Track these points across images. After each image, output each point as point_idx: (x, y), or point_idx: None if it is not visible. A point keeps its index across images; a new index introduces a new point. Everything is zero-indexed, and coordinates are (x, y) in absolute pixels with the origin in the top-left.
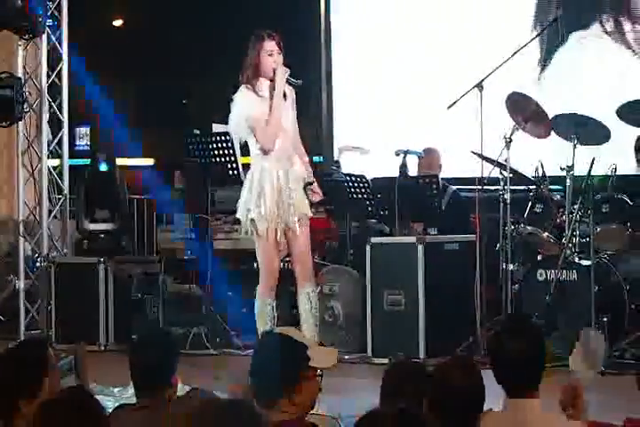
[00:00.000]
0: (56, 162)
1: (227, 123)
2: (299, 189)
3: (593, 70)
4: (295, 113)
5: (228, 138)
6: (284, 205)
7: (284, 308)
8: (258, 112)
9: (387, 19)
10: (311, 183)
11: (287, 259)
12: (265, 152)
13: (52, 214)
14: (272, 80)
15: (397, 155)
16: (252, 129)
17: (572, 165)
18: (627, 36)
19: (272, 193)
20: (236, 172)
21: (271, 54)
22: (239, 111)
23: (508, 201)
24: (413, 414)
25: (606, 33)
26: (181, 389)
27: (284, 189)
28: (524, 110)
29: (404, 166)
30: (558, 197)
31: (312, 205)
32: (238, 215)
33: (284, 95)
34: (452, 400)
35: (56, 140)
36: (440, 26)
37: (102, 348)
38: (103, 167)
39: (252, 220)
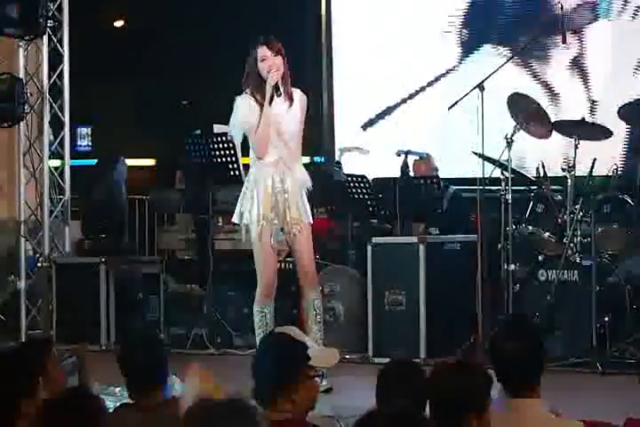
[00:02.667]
0: (57, 162)
1: (227, 124)
2: (297, 195)
3: None
4: (303, 120)
5: (228, 138)
6: (278, 211)
7: (284, 308)
8: (252, 118)
9: (388, 18)
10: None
11: (288, 259)
12: (260, 158)
13: (54, 215)
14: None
15: (399, 155)
16: (247, 134)
17: (574, 165)
18: None
19: (266, 198)
20: (237, 172)
21: (263, 60)
22: (236, 117)
23: (510, 201)
24: (411, 414)
25: None
26: (182, 388)
27: (279, 194)
28: (526, 111)
29: (405, 167)
30: (559, 197)
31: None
32: (235, 220)
33: (292, 100)
34: (447, 400)
35: (57, 141)
36: (441, 25)
37: (103, 348)
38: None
39: (246, 224)
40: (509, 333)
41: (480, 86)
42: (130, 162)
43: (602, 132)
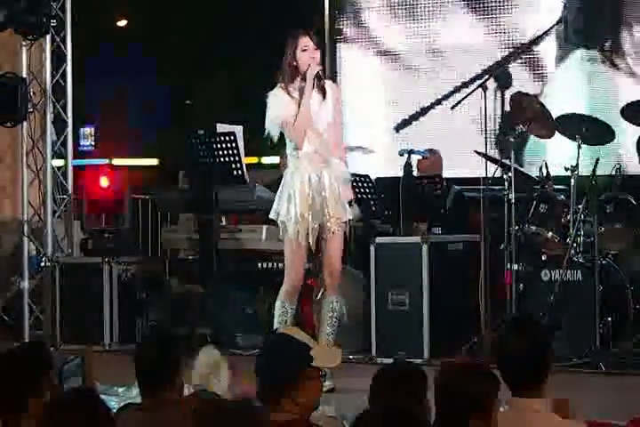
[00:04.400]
0: (60, 162)
1: (230, 123)
2: (336, 191)
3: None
4: (339, 112)
5: (232, 138)
6: (315, 209)
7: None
8: (287, 112)
9: (390, 18)
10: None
11: None
12: (299, 150)
13: (57, 215)
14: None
15: (401, 155)
16: (283, 129)
17: (577, 164)
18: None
19: (303, 196)
20: (240, 172)
21: (305, 50)
22: (270, 112)
23: (513, 201)
24: (406, 414)
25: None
26: (186, 389)
27: (315, 191)
28: (528, 110)
29: (408, 166)
30: (562, 197)
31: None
32: (271, 217)
33: (324, 94)
34: (455, 401)
35: (60, 141)
36: (443, 26)
37: (107, 348)
38: None
39: (283, 222)
40: (516, 332)
41: (483, 86)
42: (133, 161)
43: (604, 133)
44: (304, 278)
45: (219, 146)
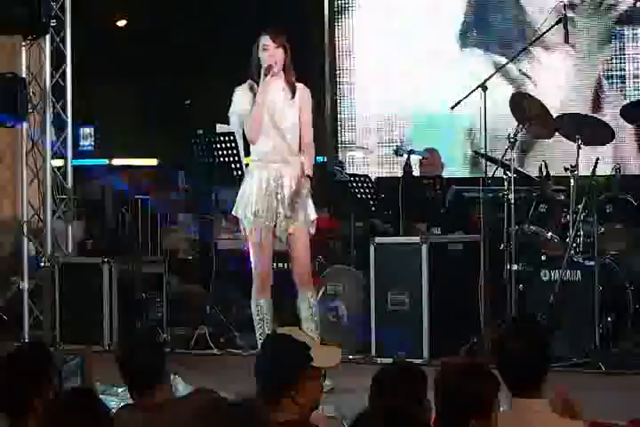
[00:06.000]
0: (60, 162)
1: (229, 123)
2: (291, 192)
3: None
4: (306, 113)
5: (231, 138)
6: (271, 208)
7: (285, 308)
8: (246, 106)
9: (391, 18)
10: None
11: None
12: (252, 143)
13: (56, 215)
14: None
15: (400, 155)
16: (243, 123)
17: (576, 165)
18: None
19: (259, 194)
20: (239, 172)
21: (265, 49)
22: (232, 107)
23: (512, 201)
24: (406, 414)
25: None
26: (185, 389)
27: (272, 191)
28: (528, 110)
29: (407, 166)
30: (562, 197)
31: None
32: (232, 213)
33: (293, 94)
34: (456, 401)
35: (60, 141)
36: (446, 25)
37: (106, 348)
38: None
39: (241, 220)
40: (516, 332)
41: (483, 86)
42: (132, 162)
43: (604, 134)
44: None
45: (218, 146)
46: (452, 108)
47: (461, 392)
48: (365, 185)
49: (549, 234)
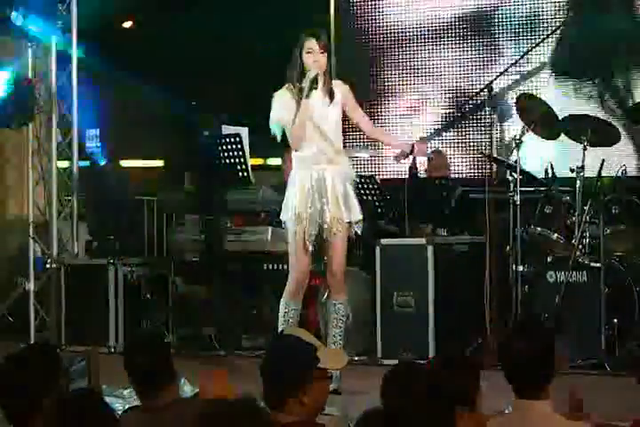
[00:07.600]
0: (66, 163)
1: (235, 124)
2: (339, 192)
3: None
4: (355, 108)
5: (237, 139)
6: (315, 209)
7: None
8: (288, 113)
9: (395, 17)
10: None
11: None
12: (295, 151)
13: (62, 215)
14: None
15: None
16: (285, 129)
17: (582, 166)
18: None
19: (302, 196)
20: (245, 173)
21: (309, 52)
22: (272, 112)
23: (518, 202)
24: (405, 412)
25: None
26: (191, 390)
27: (316, 192)
28: (534, 112)
29: (413, 168)
30: (568, 198)
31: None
32: (281, 218)
33: (332, 96)
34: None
35: (66, 142)
36: (449, 25)
37: (112, 349)
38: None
39: (284, 222)
40: (522, 333)
41: (489, 87)
42: (138, 163)
43: (610, 135)
44: (309, 279)
45: (224, 147)
46: (459, 109)
47: (443, 385)
48: (371, 186)
49: (555, 235)
